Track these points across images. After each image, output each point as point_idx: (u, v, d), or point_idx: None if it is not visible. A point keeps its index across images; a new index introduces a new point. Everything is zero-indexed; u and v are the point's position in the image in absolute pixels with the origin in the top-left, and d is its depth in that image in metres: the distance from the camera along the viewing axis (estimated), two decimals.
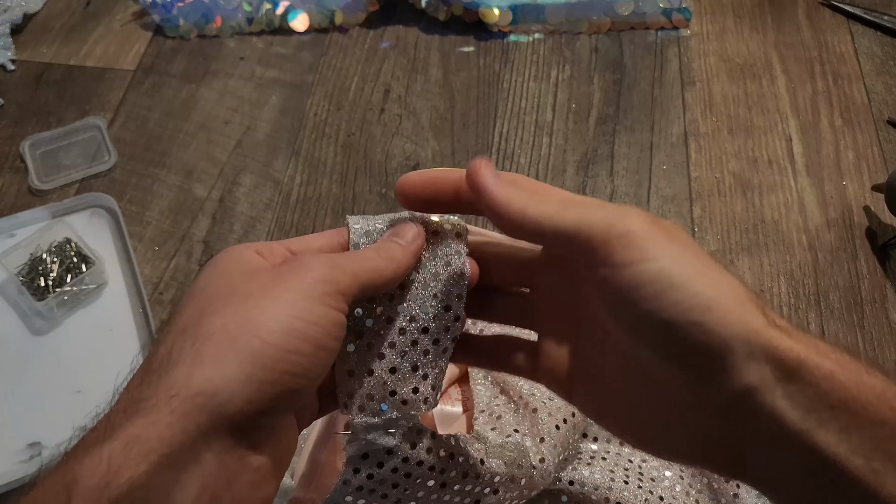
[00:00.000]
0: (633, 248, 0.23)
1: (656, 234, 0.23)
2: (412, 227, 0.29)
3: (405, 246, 0.28)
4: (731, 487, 0.43)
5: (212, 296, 0.24)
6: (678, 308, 0.22)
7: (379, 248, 0.28)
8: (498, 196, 0.25)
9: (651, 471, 0.44)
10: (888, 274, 0.56)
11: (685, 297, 0.22)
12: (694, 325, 0.22)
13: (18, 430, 0.48)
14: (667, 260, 0.23)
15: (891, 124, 0.64)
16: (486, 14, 0.69)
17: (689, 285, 0.22)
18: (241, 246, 0.27)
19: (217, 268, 0.26)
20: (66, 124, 0.63)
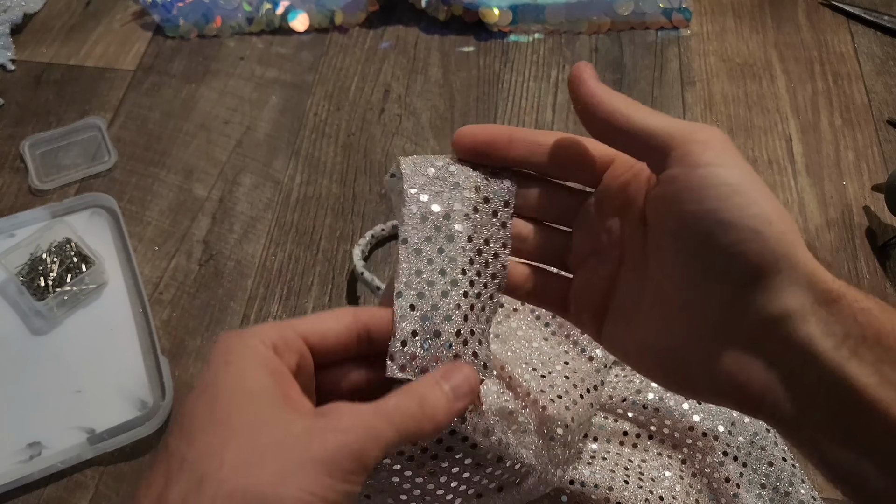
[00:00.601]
0: (709, 153, 0.24)
1: (731, 148, 0.25)
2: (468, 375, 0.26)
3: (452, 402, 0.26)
4: (731, 487, 0.43)
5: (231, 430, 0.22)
6: (742, 213, 0.23)
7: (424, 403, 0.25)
8: (598, 92, 0.27)
9: (651, 471, 0.44)
10: (888, 274, 0.56)
11: (750, 205, 0.23)
12: (753, 231, 0.23)
13: (18, 430, 0.48)
14: (738, 170, 0.24)
15: (891, 124, 0.64)
16: (486, 14, 0.69)
17: (755, 196, 0.24)
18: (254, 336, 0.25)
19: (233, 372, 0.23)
20: (66, 124, 0.63)
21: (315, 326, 0.26)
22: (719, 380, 0.25)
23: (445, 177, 0.30)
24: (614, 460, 0.44)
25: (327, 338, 0.26)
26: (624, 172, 0.30)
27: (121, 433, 0.46)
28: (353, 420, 0.23)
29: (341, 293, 0.54)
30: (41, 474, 0.46)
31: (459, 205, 0.29)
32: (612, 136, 0.28)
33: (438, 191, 0.30)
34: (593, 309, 0.30)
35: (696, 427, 0.45)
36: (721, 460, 0.44)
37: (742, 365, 0.25)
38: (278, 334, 0.25)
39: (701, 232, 0.24)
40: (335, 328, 0.27)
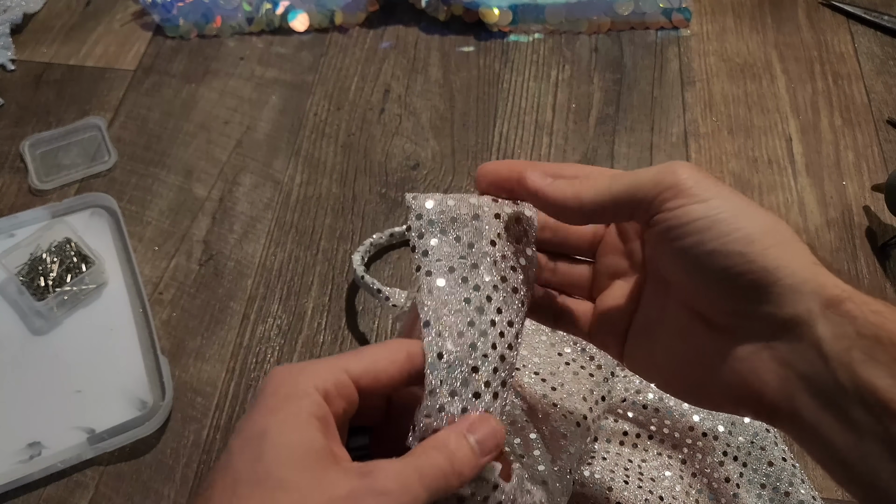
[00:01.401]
0: (681, 195, 0.26)
1: (702, 180, 0.26)
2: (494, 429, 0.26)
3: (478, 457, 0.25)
4: (731, 487, 0.43)
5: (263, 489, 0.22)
6: (722, 240, 0.25)
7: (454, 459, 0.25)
8: (551, 193, 0.28)
9: (651, 470, 0.44)
10: (888, 274, 0.55)
11: (729, 231, 0.25)
12: (737, 255, 0.24)
13: (18, 430, 0.48)
14: (713, 201, 0.25)
15: (891, 124, 0.64)
16: (486, 14, 0.69)
17: (733, 221, 0.25)
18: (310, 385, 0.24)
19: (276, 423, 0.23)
20: (66, 124, 0.63)
21: (369, 368, 0.26)
22: (737, 386, 0.26)
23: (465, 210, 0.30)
24: (614, 460, 0.44)
25: (379, 381, 0.26)
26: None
27: (121, 433, 0.46)
28: (395, 483, 0.23)
29: (341, 293, 0.54)
30: (41, 474, 0.46)
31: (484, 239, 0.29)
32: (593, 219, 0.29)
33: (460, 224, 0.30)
34: (616, 330, 0.31)
35: (695, 427, 0.45)
36: (721, 460, 0.44)
37: (759, 371, 0.25)
38: (333, 380, 0.25)
39: (694, 263, 0.26)
40: (388, 371, 0.26)
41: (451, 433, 0.26)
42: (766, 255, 0.24)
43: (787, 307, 0.24)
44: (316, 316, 0.53)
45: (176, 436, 0.48)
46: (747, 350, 0.26)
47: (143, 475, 0.47)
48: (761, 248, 0.24)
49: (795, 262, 0.24)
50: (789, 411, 0.25)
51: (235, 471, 0.23)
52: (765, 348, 0.25)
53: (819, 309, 0.24)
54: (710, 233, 0.25)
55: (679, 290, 0.28)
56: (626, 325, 0.31)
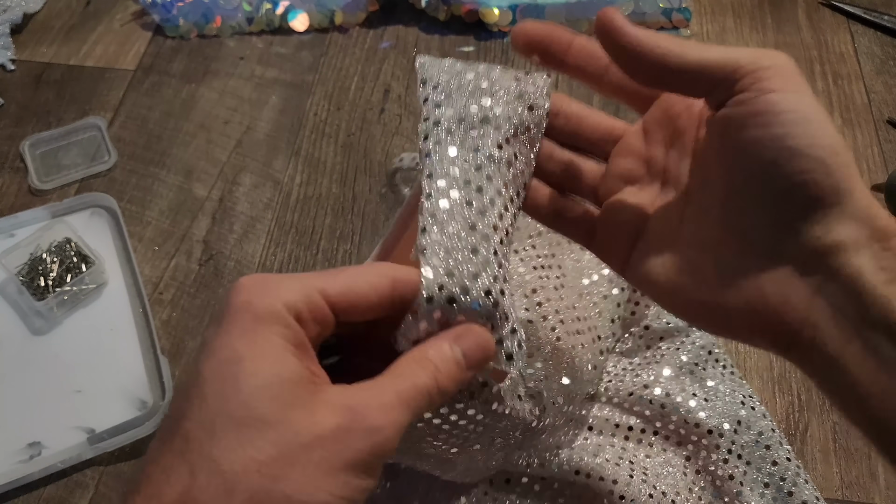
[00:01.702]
0: (778, 79, 0.23)
1: (800, 77, 0.24)
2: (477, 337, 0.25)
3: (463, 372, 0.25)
4: (735, 485, 0.44)
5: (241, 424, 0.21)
6: (810, 142, 0.23)
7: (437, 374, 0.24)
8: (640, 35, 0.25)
9: (655, 466, 0.44)
10: None
11: (819, 135, 0.23)
12: (819, 161, 0.23)
13: (18, 430, 0.48)
14: (808, 98, 0.23)
15: (891, 124, 0.64)
16: (486, 14, 0.69)
17: (823, 126, 0.23)
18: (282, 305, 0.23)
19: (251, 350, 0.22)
20: (66, 124, 0.63)
21: (345, 292, 0.24)
22: (759, 308, 0.25)
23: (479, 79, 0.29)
24: (619, 454, 0.44)
25: (356, 306, 0.24)
26: (677, 103, 0.29)
27: (121, 433, 0.46)
28: (382, 418, 0.22)
29: None
30: (41, 474, 0.46)
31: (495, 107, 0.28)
32: (667, 79, 0.26)
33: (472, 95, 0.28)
34: (622, 238, 0.29)
35: (701, 424, 0.45)
36: (725, 458, 0.44)
37: (786, 294, 0.24)
38: (306, 300, 0.23)
39: (765, 158, 0.24)
40: (368, 297, 0.24)
41: (434, 345, 0.24)
42: (843, 173, 0.23)
43: (836, 233, 0.23)
44: None
45: None
46: (779, 272, 0.24)
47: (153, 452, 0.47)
48: (842, 164, 0.23)
49: (860, 189, 0.23)
50: (810, 342, 0.24)
51: (211, 404, 0.21)
52: (798, 272, 0.24)
53: (866, 240, 0.23)
54: (799, 129, 0.23)
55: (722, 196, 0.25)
56: (635, 234, 0.29)
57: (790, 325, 0.24)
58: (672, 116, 0.29)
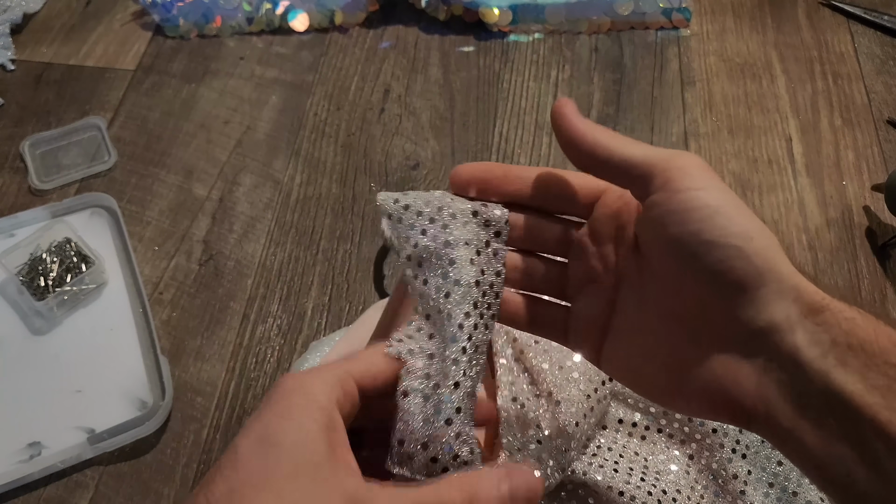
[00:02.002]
0: (688, 178, 0.26)
1: (709, 172, 0.26)
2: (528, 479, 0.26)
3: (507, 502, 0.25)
4: (738, 484, 0.44)
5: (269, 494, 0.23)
6: (723, 232, 0.25)
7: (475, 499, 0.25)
8: (581, 126, 0.29)
9: (657, 464, 0.44)
10: (888, 274, 0.56)
11: (731, 224, 0.25)
12: (734, 249, 0.25)
13: (18, 430, 0.48)
14: (717, 192, 0.25)
15: (891, 124, 0.64)
16: (485, 14, 0.69)
17: (735, 216, 0.25)
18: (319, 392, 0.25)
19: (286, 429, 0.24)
20: (65, 124, 0.63)
21: (369, 369, 0.27)
22: (713, 389, 0.26)
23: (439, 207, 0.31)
24: (620, 452, 0.44)
25: (377, 381, 0.27)
26: (615, 201, 0.31)
27: (121, 433, 0.46)
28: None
29: (341, 293, 0.54)
30: (41, 474, 0.46)
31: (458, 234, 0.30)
32: (596, 168, 0.29)
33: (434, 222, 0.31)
34: (593, 334, 0.31)
35: (706, 422, 0.45)
36: (729, 457, 0.44)
37: (736, 375, 0.26)
38: (341, 385, 0.25)
39: (687, 252, 0.26)
40: (385, 372, 0.27)
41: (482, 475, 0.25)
42: (760, 256, 0.25)
43: (768, 312, 0.25)
44: (316, 316, 0.53)
45: (176, 436, 0.48)
46: (725, 355, 0.26)
47: (143, 475, 0.47)
48: (757, 247, 0.25)
49: (783, 267, 0.25)
50: (765, 417, 0.25)
51: (241, 472, 0.23)
52: (742, 354, 0.25)
53: (798, 317, 0.24)
54: (711, 223, 0.25)
55: (663, 286, 0.28)
56: (603, 329, 0.31)
57: (745, 404, 0.26)
58: (614, 213, 0.31)
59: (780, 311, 0.24)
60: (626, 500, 0.42)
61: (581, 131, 0.29)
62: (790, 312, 0.24)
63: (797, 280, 0.25)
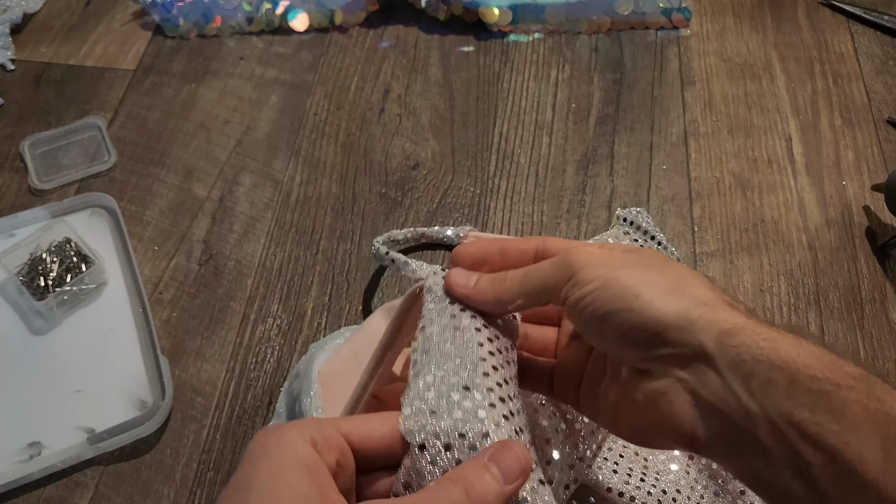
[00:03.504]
0: (574, 283, 0.29)
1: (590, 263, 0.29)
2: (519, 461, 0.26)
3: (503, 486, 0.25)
4: (739, 484, 0.44)
5: None
6: (611, 303, 0.28)
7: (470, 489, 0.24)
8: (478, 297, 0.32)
9: (657, 464, 0.44)
10: (888, 274, 0.56)
11: (615, 293, 0.28)
12: (627, 311, 0.28)
13: (18, 429, 0.48)
14: (599, 279, 0.29)
15: (891, 124, 0.64)
16: (485, 14, 0.69)
17: (617, 284, 0.28)
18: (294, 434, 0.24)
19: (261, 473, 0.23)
20: (65, 124, 0.63)
21: (359, 426, 0.26)
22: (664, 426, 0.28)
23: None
24: (620, 452, 0.44)
25: (371, 438, 0.26)
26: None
27: (121, 433, 0.46)
28: None
29: (341, 293, 0.54)
30: (41, 474, 0.46)
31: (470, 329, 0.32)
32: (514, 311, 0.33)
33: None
34: (571, 384, 0.35)
35: None
36: None
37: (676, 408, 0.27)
38: (319, 431, 0.25)
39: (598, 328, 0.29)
40: (379, 430, 0.26)
41: (470, 465, 0.25)
42: (652, 306, 0.27)
43: (684, 345, 0.26)
44: (316, 316, 0.53)
45: (176, 436, 0.48)
46: (664, 387, 0.28)
47: (143, 475, 0.47)
48: (646, 301, 0.27)
49: (681, 306, 0.27)
50: (707, 442, 0.27)
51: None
52: (678, 385, 0.27)
53: (713, 344, 0.26)
54: (600, 301, 0.28)
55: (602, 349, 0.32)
56: (579, 378, 0.34)
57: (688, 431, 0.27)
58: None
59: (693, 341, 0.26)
60: (625, 500, 0.42)
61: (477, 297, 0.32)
62: (704, 340, 0.26)
63: (702, 311, 0.27)
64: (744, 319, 0.26)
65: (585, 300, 0.29)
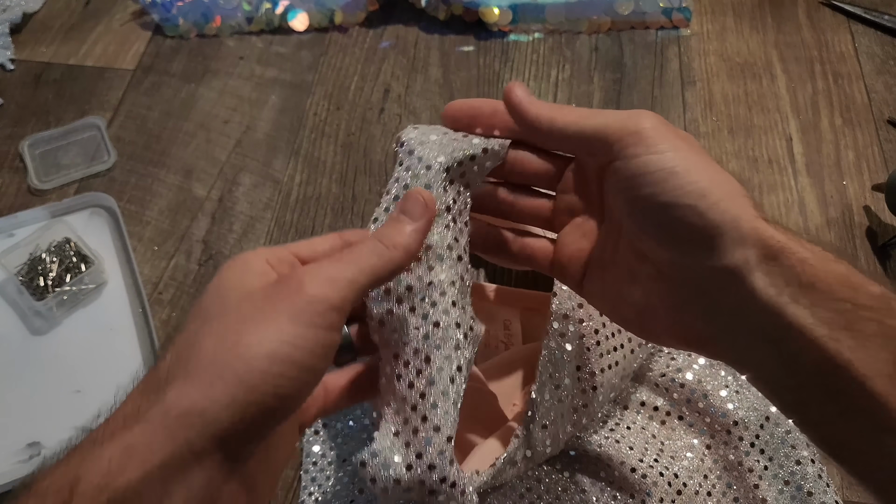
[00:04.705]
0: (642, 143, 0.27)
1: (664, 132, 0.28)
2: (419, 201, 0.29)
3: (415, 227, 0.29)
4: (752, 478, 0.44)
5: (209, 315, 0.25)
6: (676, 193, 0.27)
7: (382, 236, 0.28)
8: (531, 109, 0.30)
9: (673, 449, 0.45)
10: (888, 274, 0.55)
11: (683, 184, 0.26)
12: (689, 207, 0.26)
13: (17, 430, 0.47)
14: (670, 153, 0.27)
15: (891, 124, 0.64)
16: (485, 13, 0.69)
17: (687, 175, 0.27)
18: (252, 253, 0.28)
19: (222, 281, 0.27)
20: (65, 124, 0.63)
21: (304, 245, 0.30)
22: (678, 327, 0.29)
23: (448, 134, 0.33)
24: (637, 432, 0.45)
25: (316, 252, 0.30)
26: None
27: None
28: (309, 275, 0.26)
29: None
30: None
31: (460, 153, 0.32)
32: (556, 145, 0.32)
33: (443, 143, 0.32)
34: (575, 265, 0.33)
35: (728, 415, 0.45)
36: (747, 451, 0.44)
37: (698, 315, 0.28)
38: (272, 252, 0.28)
39: (647, 213, 0.28)
40: (322, 245, 0.30)
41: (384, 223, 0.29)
42: (716, 209, 0.26)
43: (729, 258, 0.26)
44: None
45: None
46: (688, 294, 0.28)
47: None
48: (712, 202, 0.26)
49: (742, 215, 0.26)
50: (725, 348, 0.28)
51: (204, 309, 0.26)
52: (705, 293, 0.27)
53: (756, 260, 0.26)
54: (666, 185, 0.27)
55: (631, 236, 0.30)
56: (584, 261, 0.33)
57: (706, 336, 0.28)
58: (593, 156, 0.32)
59: (739, 254, 0.26)
60: (637, 476, 0.43)
61: (534, 113, 0.30)
62: (749, 255, 0.26)
63: (755, 224, 0.26)
64: (784, 237, 0.26)
65: (646, 178, 0.27)
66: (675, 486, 0.43)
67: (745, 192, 0.27)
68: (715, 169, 0.27)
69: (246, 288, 0.26)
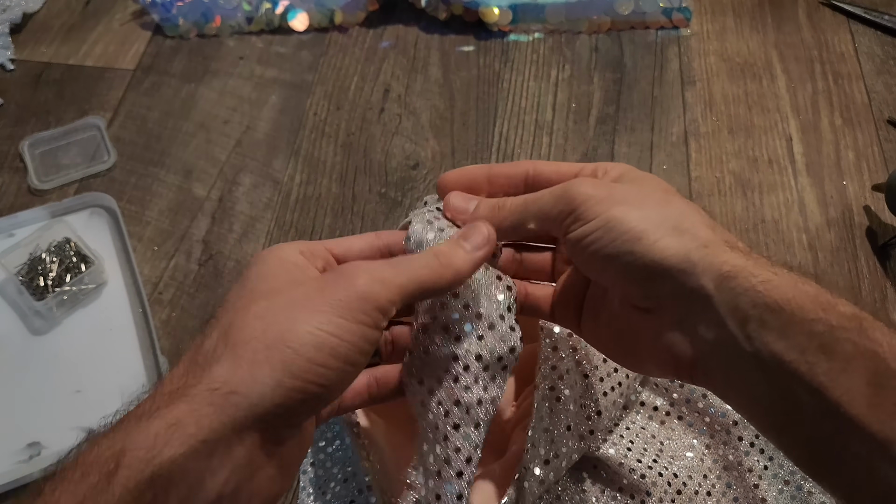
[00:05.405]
0: (576, 218, 0.29)
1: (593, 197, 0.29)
2: (483, 231, 0.30)
3: (470, 253, 0.30)
4: (752, 478, 0.44)
5: (257, 295, 0.26)
6: (614, 244, 0.28)
7: (439, 253, 0.29)
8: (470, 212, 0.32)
9: (673, 449, 0.45)
10: (888, 274, 0.55)
11: (618, 234, 0.28)
12: (628, 253, 0.28)
13: (18, 430, 0.48)
14: (603, 214, 0.28)
15: (891, 124, 0.64)
16: (485, 13, 0.69)
17: (620, 225, 0.28)
18: (287, 245, 0.29)
19: (265, 265, 0.28)
20: (65, 124, 0.63)
21: (340, 243, 0.31)
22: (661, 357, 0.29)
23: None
24: (637, 432, 0.45)
25: (351, 251, 0.31)
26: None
27: None
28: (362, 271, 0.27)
29: None
30: (41, 474, 0.46)
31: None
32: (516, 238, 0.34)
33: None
34: (572, 308, 0.35)
35: (728, 414, 0.45)
36: (747, 450, 0.44)
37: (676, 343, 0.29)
38: (306, 245, 0.29)
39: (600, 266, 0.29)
40: (358, 244, 0.31)
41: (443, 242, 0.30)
42: (654, 248, 0.27)
43: (685, 287, 0.27)
44: None
45: None
46: (664, 324, 0.29)
47: None
48: (649, 243, 0.27)
49: (684, 247, 0.27)
50: (704, 374, 0.28)
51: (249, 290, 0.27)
52: (678, 322, 0.28)
53: (713, 286, 0.26)
54: (603, 240, 0.28)
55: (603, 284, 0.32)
56: (580, 304, 0.34)
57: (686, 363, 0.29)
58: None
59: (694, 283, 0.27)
60: (636, 477, 0.43)
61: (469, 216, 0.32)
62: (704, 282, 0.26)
63: (704, 253, 0.27)
64: (743, 261, 0.26)
65: (587, 239, 0.29)
66: (675, 485, 0.43)
67: (696, 221, 0.28)
68: (655, 209, 0.28)
69: (292, 272, 0.27)
